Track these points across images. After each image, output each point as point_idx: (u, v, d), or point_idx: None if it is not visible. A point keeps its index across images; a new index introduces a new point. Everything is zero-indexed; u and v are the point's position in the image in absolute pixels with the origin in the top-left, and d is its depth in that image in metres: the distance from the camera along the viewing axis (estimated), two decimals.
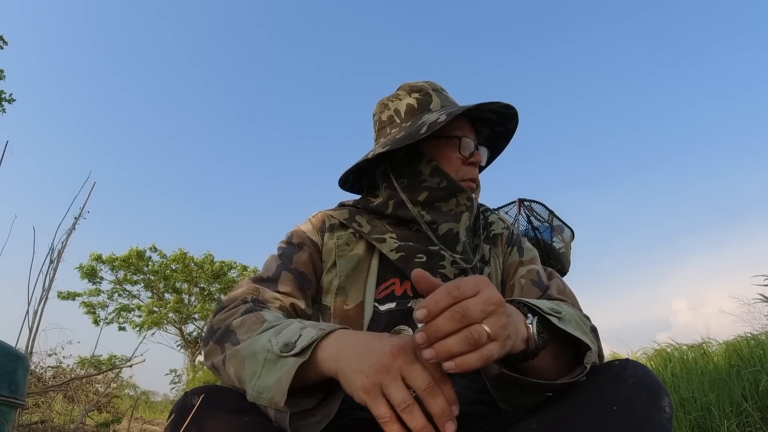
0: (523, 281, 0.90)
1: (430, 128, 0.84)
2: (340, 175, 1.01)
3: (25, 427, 2.21)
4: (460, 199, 0.91)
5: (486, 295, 0.53)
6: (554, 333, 0.65)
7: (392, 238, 0.89)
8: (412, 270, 0.80)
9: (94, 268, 16.46)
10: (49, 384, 3.45)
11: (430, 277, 0.55)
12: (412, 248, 0.87)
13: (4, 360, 1.35)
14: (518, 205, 2.70)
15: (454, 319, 0.50)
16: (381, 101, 1.02)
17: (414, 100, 0.96)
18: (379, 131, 1.00)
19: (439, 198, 0.91)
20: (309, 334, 0.59)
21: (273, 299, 0.80)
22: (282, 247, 0.91)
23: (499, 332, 0.53)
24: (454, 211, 0.91)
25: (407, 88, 0.99)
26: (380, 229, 0.91)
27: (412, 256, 0.86)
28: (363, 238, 0.91)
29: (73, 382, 3.18)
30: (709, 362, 2.77)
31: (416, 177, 0.92)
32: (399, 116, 0.96)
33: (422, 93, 0.97)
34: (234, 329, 0.68)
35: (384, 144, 0.90)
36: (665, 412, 0.59)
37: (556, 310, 0.66)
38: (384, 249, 0.87)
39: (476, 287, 0.53)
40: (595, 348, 0.65)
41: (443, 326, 0.50)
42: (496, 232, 0.98)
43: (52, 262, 2.16)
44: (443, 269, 0.86)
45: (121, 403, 5.84)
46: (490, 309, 0.52)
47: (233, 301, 0.76)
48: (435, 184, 0.91)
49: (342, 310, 0.83)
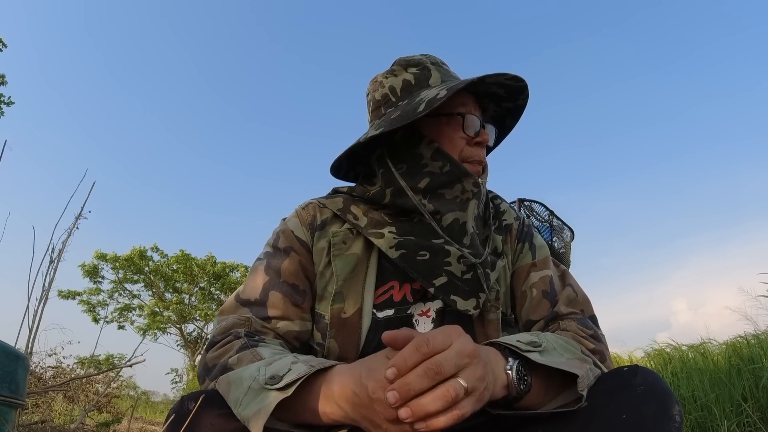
0: (534, 291, 0.84)
1: (429, 105, 0.75)
2: (332, 162, 0.91)
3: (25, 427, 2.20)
4: (466, 185, 0.82)
5: (459, 347, 0.51)
6: (538, 368, 0.62)
7: (391, 233, 0.81)
8: (414, 269, 0.78)
9: (96, 266, 16.47)
10: (49, 384, 3.44)
11: (400, 333, 0.54)
12: (413, 244, 0.79)
13: (4, 360, 1.35)
14: (518, 205, 2.69)
15: (428, 376, 0.49)
16: (374, 78, 0.91)
17: (411, 75, 0.86)
18: (373, 112, 0.90)
19: (442, 184, 0.81)
20: (298, 369, 0.57)
21: (265, 329, 0.76)
22: (268, 253, 0.84)
23: (476, 385, 0.52)
24: (460, 198, 0.82)
25: (403, 63, 0.89)
26: (378, 222, 0.83)
27: (414, 254, 0.78)
28: (360, 235, 0.83)
29: (73, 382, 3.18)
30: (709, 362, 2.77)
31: (416, 161, 0.83)
32: (395, 94, 0.86)
33: (420, 67, 0.87)
34: (231, 367, 0.66)
35: (378, 126, 0.81)
36: (675, 421, 0.57)
37: (536, 342, 0.64)
38: (382, 246, 0.79)
39: (447, 339, 0.52)
40: (583, 372, 0.61)
41: (416, 384, 0.49)
42: (508, 222, 0.90)
43: (52, 261, 2.15)
44: (449, 266, 0.78)
45: (121, 403, 5.83)
46: (464, 362, 0.51)
47: (225, 335, 0.73)
48: (437, 169, 0.81)
49: (339, 319, 0.78)
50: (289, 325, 0.78)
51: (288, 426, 0.59)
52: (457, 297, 0.78)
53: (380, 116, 0.87)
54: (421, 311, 0.81)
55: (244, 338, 0.71)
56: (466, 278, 0.79)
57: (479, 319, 0.81)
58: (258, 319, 0.76)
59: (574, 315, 0.81)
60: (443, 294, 0.78)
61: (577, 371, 0.60)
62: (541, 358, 0.61)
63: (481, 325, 0.81)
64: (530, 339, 0.65)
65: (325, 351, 0.78)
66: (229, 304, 0.80)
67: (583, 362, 0.65)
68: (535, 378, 0.62)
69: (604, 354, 0.75)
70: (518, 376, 0.60)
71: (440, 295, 0.78)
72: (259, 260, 0.84)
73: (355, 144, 0.84)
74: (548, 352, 0.64)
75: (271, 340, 0.74)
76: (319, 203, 0.88)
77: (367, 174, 0.94)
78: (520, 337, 0.65)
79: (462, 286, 0.78)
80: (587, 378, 0.62)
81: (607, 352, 0.76)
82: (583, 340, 0.74)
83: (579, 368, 0.62)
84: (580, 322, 0.79)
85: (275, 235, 0.86)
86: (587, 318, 0.81)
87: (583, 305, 0.83)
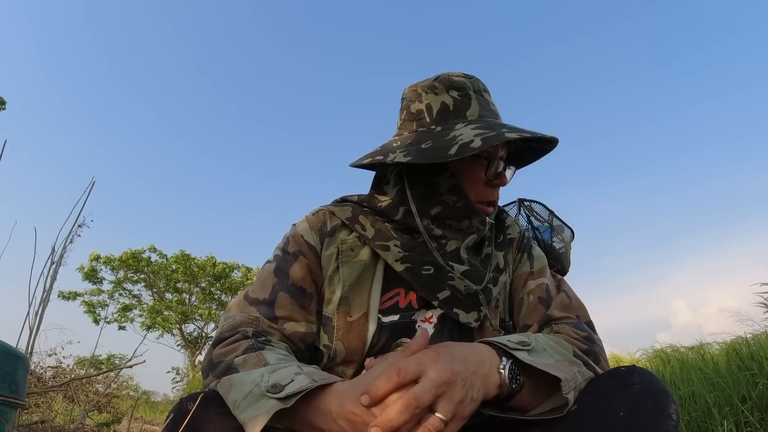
0: (531, 297, 0.86)
1: (461, 152, 0.75)
2: (353, 162, 0.89)
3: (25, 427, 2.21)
4: (474, 222, 0.85)
5: (434, 376, 0.54)
6: (529, 368, 0.63)
7: (396, 247, 0.83)
8: (419, 283, 0.81)
9: (94, 268, 16.47)
10: (49, 384, 3.45)
11: (380, 359, 0.58)
12: (417, 259, 0.82)
13: (4, 360, 1.35)
14: (518, 205, 2.70)
15: (408, 411, 0.51)
16: (414, 88, 0.90)
17: (451, 99, 0.85)
18: (404, 122, 0.89)
19: (452, 216, 0.84)
20: (300, 382, 0.59)
21: (272, 330, 0.77)
22: (278, 256, 0.86)
23: (456, 409, 0.54)
24: (465, 232, 0.86)
25: (446, 83, 0.86)
26: (384, 235, 0.85)
27: (419, 268, 0.81)
28: (368, 243, 0.85)
29: (73, 382, 3.18)
30: (709, 362, 2.78)
31: (433, 189, 0.84)
32: (430, 114, 0.86)
33: (462, 93, 0.86)
34: (236, 367, 0.67)
35: (407, 150, 0.81)
36: (672, 419, 0.58)
37: (525, 342, 0.65)
38: (388, 258, 0.82)
39: (420, 368, 0.54)
40: (570, 375, 0.63)
41: (397, 419, 0.51)
42: (512, 237, 0.93)
43: (53, 263, 2.16)
44: (452, 281, 0.81)
45: (122, 403, 5.84)
46: (440, 391, 0.53)
47: (233, 332, 0.74)
48: (451, 202, 0.84)
49: (345, 323, 0.80)
50: (296, 326, 0.80)
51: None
52: (459, 310, 0.81)
53: (410, 130, 0.87)
54: (425, 318, 0.84)
55: (252, 338, 0.72)
56: (468, 293, 0.82)
57: (478, 326, 0.83)
58: (266, 318, 0.78)
59: (569, 319, 0.82)
60: (446, 307, 0.81)
61: (562, 374, 0.61)
62: (529, 357, 0.63)
63: (480, 331, 0.83)
64: (520, 339, 0.66)
65: (332, 353, 0.80)
66: (237, 302, 0.82)
67: (572, 364, 0.66)
68: (527, 379, 0.64)
69: (599, 356, 0.75)
70: (511, 375, 0.62)
71: (444, 308, 0.81)
72: (269, 262, 0.86)
73: (379, 161, 0.82)
74: (537, 352, 0.65)
75: (277, 342, 0.76)
76: (329, 211, 0.90)
77: (379, 178, 0.93)
78: (511, 337, 0.67)
79: (465, 300, 0.81)
80: (574, 381, 0.63)
81: (603, 354, 0.77)
82: (576, 341, 0.75)
83: (566, 371, 0.63)
84: (574, 326, 0.80)
85: (285, 239, 0.89)
86: (582, 323, 0.82)
87: (578, 311, 0.85)
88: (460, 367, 0.56)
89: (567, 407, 0.60)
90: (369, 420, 0.54)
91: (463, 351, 0.60)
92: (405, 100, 0.91)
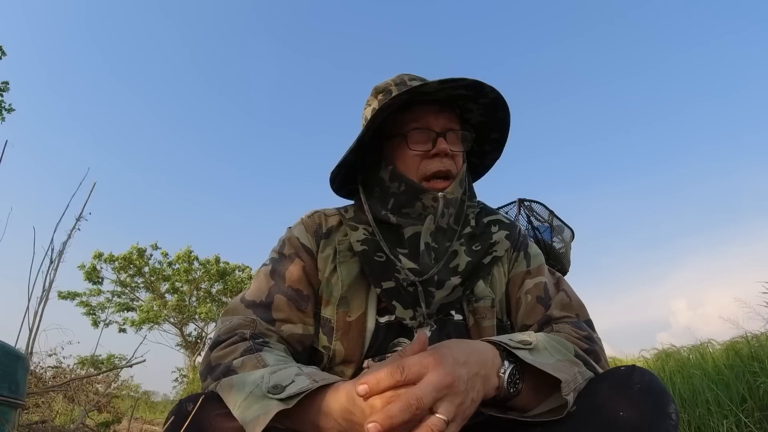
0: (529, 297, 0.86)
1: (367, 129, 0.77)
2: (331, 185, 0.93)
3: (25, 427, 2.21)
4: (425, 201, 0.82)
5: (436, 380, 0.53)
6: (530, 367, 0.63)
7: (364, 230, 0.86)
8: (369, 267, 0.82)
9: (95, 267, 16.45)
10: (49, 384, 3.45)
11: (380, 364, 0.57)
12: (376, 244, 0.83)
13: (4, 360, 1.35)
14: (518, 205, 2.70)
15: (408, 411, 0.51)
16: None
17: (377, 102, 0.89)
18: None
19: (402, 203, 0.83)
20: (301, 383, 0.59)
21: (269, 332, 0.77)
22: (274, 258, 0.87)
23: (457, 411, 0.54)
24: (423, 215, 0.83)
25: (374, 91, 0.91)
26: (360, 219, 0.88)
27: (373, 254, 0.83)
28: (343, 222, 0.88)
29: (73, 382, 3.18)
30: (709, 362, 2.77)
31: (381, 185, 0.86)
32: (365, 122, 0.87)
33: (385, 93, 0.88)
34: (235, 369, 0.67)
35: (343, 157, 0.85)
36: (671, 419, 0.58)
37: (527, 341, 0.65)
38: (352, 238, 0.84)
39: (423, 370, 0.54)
40: (570, 376, 0.63)
41: (397, 417, 0.51)
42: (498, 255, 0.86)
43: (52, 262, 2.15)
44: (399, 273, 0.81)
45: (122, 403, 5.84)
46: (442, 395, 0.53)
47: (230, 335, 0.74)
48: (396, 189, 0.84)
49: (344, 322, 0.81)
50: (293, 328, 0.80)
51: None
52: (398, 304, 0.81)
53: None
54: None
55: (249, 341, 0.72)
56: (409, 289, 0.81)
57: (475, 327, 0.83)
58: (263, 321, 0.78)
59: (568, 318, 0.82)
60: (386, 297, 0.81)
61: (563, 375, 0.61)
62: (530, 357, 0.63)
63: (477, 332, 0.83)
64: (522, 338, 0.66)
65: (331, 354, 0.81)
66: (234, 305, 0.81)
67: (572, 364, 0.66)
68: (527, 378, 0.64)
69: (599, 355, 0.75)
70: (510, 380, 0.62)
71: (384, 297, 0.81)
72: (265, 265, 0.87)
73: (331, 175, 0.89)
74: (538, 351, 0.65)
75: (274, 344, 0.76)
76: (324, 213, 0.92)
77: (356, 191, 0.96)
78: (513, 336, 0.67)
79: (405, 296, 0.81)
80: (574, 382, 0.63)
81: (603, 354, 0.77)
82: (577, 341, 0.75)
83: (566, 372, 0.63)
84: (574, 325, 0.80)
85: (281, 242, 0.89)
86: (582, 322, 0.82)
87: (578, 310, 0.84)
88: (463, 371, 0.56)
89: (566, 408, 0.60)
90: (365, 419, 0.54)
91: (467, 351, 0.60)
92: None
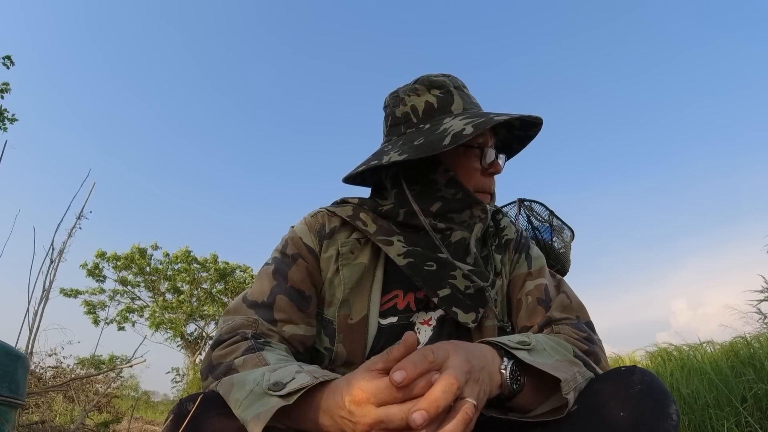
0: (529, 299, 0.86)
1: (455, 140, 0.76)
2: (347, 174, 0.92)
3: (25, 427, 2.21)
4: (475, 211, 0.85)
5: (458, 363, 0.54)
6: (529, 369, 0.63)
7: (399, 241, 0.83)
8: (421, 279, 0.80)
9: (97, 265, 16.47)
10: (49, 384, 3.45)
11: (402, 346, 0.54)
12: (421, 254, 0.82)
13: (4, 360, 1.35)
14: (518, 205, 2.70)
15: (451, 392, 0.51)
16: (395, 93, 0.92)
17: (434, 98, 0.87)
18: (391, 127, 0.90)
19: (453, 209, 0.85)
20: (302, 379, 0.58)
21: (271, 332, 0.77)
22: (276, 258, 0.86)
23: (479, 397, 0.55)
24: (467, 223, 0.86)
25: (426, 83, 0.89)
26: (387, 230, 0.85)
27: (422, 264, 0.81)
28: (367, 245, 0.85)
29: (73, 382, 3.18)
30: (709, 362, 2.77)
31: (430, 185, 0.85)
32: (416, 115, 0.87)
33: (443, 90, 0.88)
34: (236, 368, 0.67)
35: (401, 150, 0.81)
36: (672, 419, 0.58)
37: (525, 342, 0.65)
38: (391, 253, 0.82)
39: (447, 352, 0.55)
40: (569, 376, 0.63)
41: (442, 400, 0.51)
42: (509, 238, 0.92)
43: (52, 261, 2.15)
44: (454, 279, 0.81)
45: (122, 403, 5.84)
46: (466, 378, 0.54)
47: (232, 334, 0.74)
48: (450, 195, 0.84)
49: (346, 325, 0.81)
50: (295, 329, 0.80)
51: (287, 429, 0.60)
52: (458, 309, 0.80)
53: (399, 134, 0.88)
54: (423, 320, 0.84)
55: (251, 340, 0.72)
56: (468, 293, 0.81)
57: (477, 327, 0.83)
58: (264, 321, 0.78)
59: (569, 320, 0.82)
60: (445, 305, 0.80)
61: (562, 375, 0.61)
62: (529, 357, 0.63)
63: (479, 333, 0.83)
64: (520, 339, 0.66)
65: (333, 355, 0.81)
66: (235, 305, 0.81)
67: (572, 365, 0.66)
68: (527, 379, 0.64)
69: (599, 356, 0.75)
70: (512, 376, 0.62)
71: (443, 306, 0.80)
72: (267, 265, 0.86)
73: (375, 164, 0.83)
74: (537, 352, 0.65)
75: (276, 344, 0.75)
76: (328, 211, 0.90)
77: (377, 185, 0.95)
78: (511, 337, 0.67)
79: (464, 300, 0.81)
80: (574, 381, 0.63)
81: (603, 355, 0.77)
82: (577, 342, 0.75)
83: (566, 371, 0.63)
84: (574, 326, 0.80)
85: (283, 241, 0.88)
86: (582, 323, 0.82)
87: (578, 311, 0.84)
88: (474, 361, 0.57)
89: (567, 408, 0.60)
90: (365, 418, 0.52)
91: (469, 348, 0.60)
92: (388, 107, 0.92)
